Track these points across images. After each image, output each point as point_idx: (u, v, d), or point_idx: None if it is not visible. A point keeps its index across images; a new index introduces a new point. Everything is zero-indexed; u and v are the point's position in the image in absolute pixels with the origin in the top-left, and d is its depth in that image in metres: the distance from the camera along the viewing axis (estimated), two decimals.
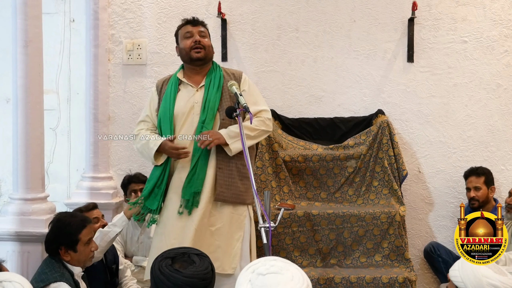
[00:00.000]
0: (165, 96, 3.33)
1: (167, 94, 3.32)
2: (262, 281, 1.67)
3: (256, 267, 1.72)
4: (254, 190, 2.70)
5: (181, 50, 3.37)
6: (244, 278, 1.72)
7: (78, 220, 3.03)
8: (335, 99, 4.53)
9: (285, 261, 1.72)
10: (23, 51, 3.21)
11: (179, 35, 3.41)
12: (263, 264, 1.72)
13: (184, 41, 3.35)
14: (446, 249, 4.21)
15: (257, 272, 1.70)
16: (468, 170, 4.20)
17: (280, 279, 1.65)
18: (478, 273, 2.21)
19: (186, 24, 3.40)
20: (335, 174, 4.26)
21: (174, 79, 3.37)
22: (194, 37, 3.33)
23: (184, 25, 3.40)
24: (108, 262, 3.56)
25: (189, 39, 3.34)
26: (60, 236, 2.94)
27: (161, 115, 3.31)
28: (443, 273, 4.10)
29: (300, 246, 4.02)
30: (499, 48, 4.41)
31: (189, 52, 3.33)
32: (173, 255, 2.26)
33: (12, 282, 2.04)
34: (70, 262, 2.95)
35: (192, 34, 3.34)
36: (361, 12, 4.49)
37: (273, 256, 1.76)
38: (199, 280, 2.15)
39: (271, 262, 1.71)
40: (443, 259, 4.13)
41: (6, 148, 4.14)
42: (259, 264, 1.73)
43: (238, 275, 1.77)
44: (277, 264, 1.69)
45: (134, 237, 4.02)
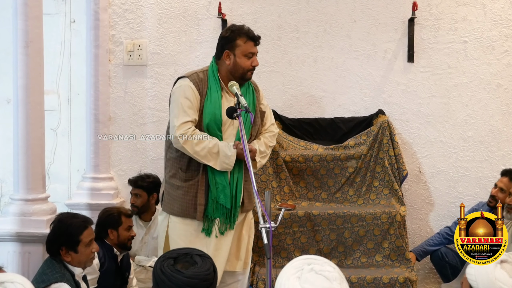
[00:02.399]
0: (210, 99, 3.22)
1: (214, 97, 3.22)
2: (311, 278, 1.68)
3: (314, 263, 1.74)
4: (255, 190, 2.70)
5: (237, 65, 3.25)
6: (297, 264, 1.74)
7: (79, 221, 3.03)
8: (336, 99, 4.53)
9: (342, 275, 1.73)
10: (23, 51, 3.21)
11: (238, 46, 3.25)
12: (322, 264, 1.73)
13: (244, 59, 3.24)
14: (454, 252, 4.10)
15: (312, 267, 1.71)
16: (507, 170, 4.06)
17: (326, 286, 1.67)
18: (492, 276, 2.19)
19: (251, 41, 3.27)
20: (335, 174, 4.26)
21: (215, 83, 3.26)
22: (254, 61, 3.28)
23: (248, 41, 3.27)
24: (123, 269, 3.58)
25: (249, 59, 3.26)
26: (61, 237, 2.94)
27: (209, 120, 3.21)
28: (449, 277, 4.09)
29: (300, 246, 4.02)
30: (499, 48, 4.41)
31: (246, 72, 3.27)
32: (175, 255, 2.26)
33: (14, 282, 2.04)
34: (71, 262, 2.95)
35: (253, 54, 3.28)
36: (361, 12, 4.49)
37: (333, 264, 1.77)
38: (200, 281, 2.14)
39: (329, 267, 1.72)
40: (450, 265, 4.10)
41: (7, 148, 4.14)
42: (319, 261, 1.75)
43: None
44: (333, 273, 1.71)
45: (138, 237, 4.03)
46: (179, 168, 3.24)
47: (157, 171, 4.42)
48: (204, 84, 3.25)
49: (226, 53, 3.26)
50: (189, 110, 3.18)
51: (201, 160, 3.16)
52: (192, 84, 3.22)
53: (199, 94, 3.22)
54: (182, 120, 3.16)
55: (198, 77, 3.26)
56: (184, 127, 3.15)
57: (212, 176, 3.19)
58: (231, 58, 3.26)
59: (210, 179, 3.20)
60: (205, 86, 3.25)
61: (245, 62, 3.25)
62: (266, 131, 3.43)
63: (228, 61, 3.26)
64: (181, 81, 3.27)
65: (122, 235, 3.51)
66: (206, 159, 3.16)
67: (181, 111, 3.18)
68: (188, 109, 3.18)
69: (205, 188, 3.20)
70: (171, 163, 3.28)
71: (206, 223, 3.21)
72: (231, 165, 3.17)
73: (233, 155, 3.16)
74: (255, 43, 3.28)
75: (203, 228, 3.21)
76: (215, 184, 3.19)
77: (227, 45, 3.27)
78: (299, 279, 1.69)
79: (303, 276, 1.70)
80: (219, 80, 3.27)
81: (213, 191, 3.19)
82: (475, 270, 2.26)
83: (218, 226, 3.23)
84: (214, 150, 3.15)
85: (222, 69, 3.29)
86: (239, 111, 2.99)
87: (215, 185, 3.19)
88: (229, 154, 3.15)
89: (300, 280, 1.69)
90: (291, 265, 1.76)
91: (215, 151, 3.15)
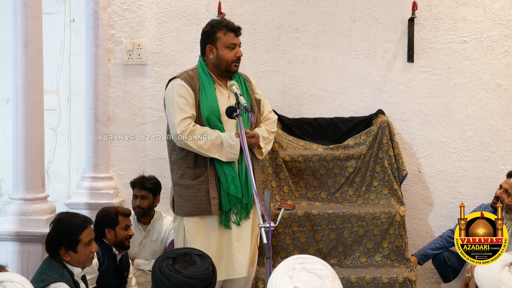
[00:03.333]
0: (205, 93, 3.25)
1: (208, 91, 3.25)
2: (302, 276, 1.68)
3: (306, 262, 1.74)
4: (254, 190, 2.71)
5: (220, 57, 3.28)
6: (289, 264, 1.75)
7: (79, 220, 3.03)
8: (335, 99, 4.53)
9: (334, 273, 1.74)
10: (23, 51, 3.21)
11: (219, 39, 3.28)
12: (313, 262, 1.74)
13: (226, 51, 3.27)
14: (456, 256, 4.04)
15: (303, 266, 1.72)
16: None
17: (318, 284, 1.66)
18: (496, 278, 2.19)
19: (231, 32, 3.29)
20: (335, 174, 4.26)
21: (206, 78, 3.30)
22: (238, 52, 3.30)
23: (228, 32, 3.29)
24: (122, 268, 3.58)
25: (232, 50, 3.28)
26: (61, 236, 2.94)
27: (208, 113, 3.23)
28: (450, 278, 4.08)
29: (300, 246, 4.02)
30: (499, 48, 4.41)
31: (230, 64, 3.29)
32: (175, 255, 2.25)
33: (13, 282, 2.04)
34: (70, 262, 2.95)
35: (235, 45, 3.30)
36: (361, 12, 4.49)
37: (325, 262, 1.77)
38: (198, 281, 2.14)
39: (321, 266, 1.73)
40: (452, 268, 4.08)
41: (6, 148, 4.14)
42: (311, 260, 1.75)
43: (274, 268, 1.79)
44: (325, 271, 1.71)
45: (136, 240, 4.02)
46: (187, 167, 3.25)
47: (156, 171, 4.42)
48: (196, 80, 3.29)
49: (208, 47, 3.31)
50: (185, 107, 3.22)
51: (206, 153, 3.19)
52: (183, 82, 3.26)
53: (192, 90, 3.26)
54: (181, 117, 3.19)
55: (188, 75, 3.31)
56: (183, 123, 3.18)
57: (221, 168, 3.22)
58: (214, 52, 3.30)
59: (219, 172, 3.22)
60: (197, 81, 3.29)
61: (228, 53, 3.28)
62: (265, 119, 3.46)
63: (212, 55, 3.30)
64: (172, 82, 3.32)
65: (119, 234, 3.51)
66: (211, 151, 3.19)
67: (177, 109, 3.21)
68: (184, 106, 3.22)
69: (216, 181, 3.23)
70: (178, 164, 3.29)
71: (222, 216, 3.23)
72: (237, 154, 3.20)
73: (237, 144, 3.18)
74: (235, 34, 3.31)
75: (220, 221, 3.23)
76: (225, 176, 3.21)
77: (208, 39, 3.32)
78: (291, 278, 1.69)
79: (294, 275, 1.69)
80: (210, 74, 3.30)
81: (224, 183, 3.21)
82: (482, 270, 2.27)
83: (234, 218, 3.24)
84: (217, 141, 3.18)
85: (209, 65, 3.33)
86: (238, 111, 3.00)
87: (224, 177, 3.21)
88: (233, 143, 3.18)
89: (292, 279, 1.68)
90: (282, 265, 1.76)
91: (219, 143, 3.18)
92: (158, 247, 4.05)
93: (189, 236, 3.25)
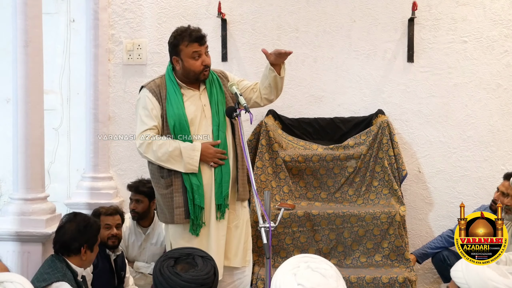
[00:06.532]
0: (171, 101, 3.20)
1: (174, 99, 3.20)
2: (307, 275, 1.69)
3: (311, 261, 1.75)
4: (254, 190, 2.70)
5: (186, 69, 3.20)
6: (294, 262, 1.75)
7: (98, 221, 3.18)
8: (335, 99, 4.53)
9: (338, 274, 1.74)
10: (23, 51, 3.21)
11: (183, 51, 3.19)
12: (318, 262, 1.75)
13: (191, 61, 3.18)
14: (456, 255, 4.02)
15: (308, 265, 1.72)
16: (509, 173, 3.93)
17: (322, 283, 1.66)
18: (483, 276, 2.20)
19: (193, 42, 3.17)
20: (335, 174, 4.26)
21: (172, 84, 3.24)
22: (204, 60, 3.20)
23: (191, 43, 3.17)
24: (118, 268, 3.57)
25: (197, 60, 3.19)
26: (86, 235, 3.00)
27: (175, 121, 3.17)
28: (449, 278, 4.06)
29: (300, 246, 4.02)
30: (499, 48, 4.41)
31: (198, 74, 3.22)
32: (177, 255, 2.24)
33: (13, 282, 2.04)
34: (83, 262, 3.00)
35: (200, 54, 3.20)
36: (361, 12, 4.49)
37: (330, 263, 1.78)
38: (197, 285, 2.12)
39: (326, 265, 1.73)
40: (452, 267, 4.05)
41: (6, 148, 4.13)
42: (316, 260, 1.76)
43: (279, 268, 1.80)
44: (330, 270, 1.72)
45: (136, 243, 4.02)
46: (160, 176, 3.24)
47: None
48: (162, 89, 3.25)
49: (174, 59, 3.25)
50: (146, 119, 3.20)
51: (165, 165, 3.17)
52: (148, 93, 3.23)
53: (156, 100, 3.22)
54: (141, 129, 3.20)
55: (155, 84, 3.27)
56: (141, 136, 3.18)
57: (187, 178, 3.17)
58: (179, 63, 3.23)
59: (186, 181, 3.18)
60: (164, 89, 3.24)
61: (193, 64, 3.19)
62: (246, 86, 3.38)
63: (178, 66, 3.24)
64: (140, 93, 3.30)
65: (101, 234, 3.39)
66: (169, 163, 3.15)
67: (139, 121, 3.23)
68: (146, 117, 3.20)
69: (183, 190, 3.18)
70: (153, 174, 3.29)
71: (191, 223, 3.19)
72: (196, 166, 3.14)
73: (197, 154, 3.12)
74: (199, 43, 3.19)
75: (189, 229, 3.19)
76: (191, 185, 3.17)
77: (173, 51, 3.25)
78: (295, 276, 1.69)
79: (299, 273, 1.70)
80: (176, 80, 3.25)
81: (190, 192, 3.17)
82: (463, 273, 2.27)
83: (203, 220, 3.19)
84: (175, 153, 3.14)
85: (177, 73, 3.28)
86: (238, 111, 2.99)
87: (190, 186, 3.17)
88: (193, 154, 3.12)
89: (296, 276, 1.69)
90: (287, 263, 1.77)
91: (177, 154, 3.14)
92: (158, 250, 4.03)
93: (174, 241, 3.25)
